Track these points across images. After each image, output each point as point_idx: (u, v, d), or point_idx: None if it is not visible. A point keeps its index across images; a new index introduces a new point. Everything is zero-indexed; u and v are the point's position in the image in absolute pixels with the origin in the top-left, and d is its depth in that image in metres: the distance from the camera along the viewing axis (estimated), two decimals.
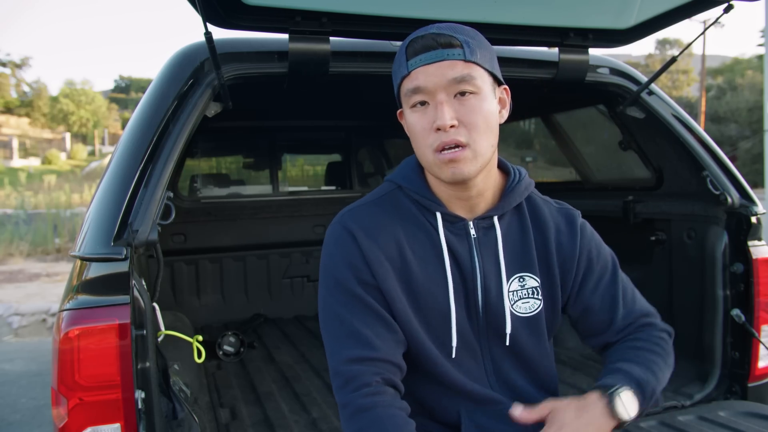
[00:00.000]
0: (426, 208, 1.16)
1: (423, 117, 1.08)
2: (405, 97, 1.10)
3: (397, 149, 4.34)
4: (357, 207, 1.18)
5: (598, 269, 1.23)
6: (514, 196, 1.19)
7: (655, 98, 2.10)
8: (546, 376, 1.23)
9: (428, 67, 1.05)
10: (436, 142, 1.06)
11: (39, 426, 3.40)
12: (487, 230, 1.17)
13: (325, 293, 1.14)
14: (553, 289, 1.20)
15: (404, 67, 1.09)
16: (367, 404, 1.04)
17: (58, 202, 13.44)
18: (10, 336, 5.66)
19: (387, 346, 1.09)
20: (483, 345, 1.18)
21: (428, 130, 1.07)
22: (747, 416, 1.82)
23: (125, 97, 53.92)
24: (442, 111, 1.04)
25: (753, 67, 31.65)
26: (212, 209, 3.53)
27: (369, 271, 1.11)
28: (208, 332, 3.26)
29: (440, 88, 1.05)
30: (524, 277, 1.18)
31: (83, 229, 1.44)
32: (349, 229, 1.13)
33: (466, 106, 1.06)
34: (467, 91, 1.06)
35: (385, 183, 1.24)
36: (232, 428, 2.08)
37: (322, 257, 1.17)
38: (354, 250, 1.11)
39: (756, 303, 1.97)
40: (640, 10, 1.82)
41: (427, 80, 1.06)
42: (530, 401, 1.18)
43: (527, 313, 1.18)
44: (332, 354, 1.10)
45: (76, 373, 1.28)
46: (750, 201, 1.99)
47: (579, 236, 1.22)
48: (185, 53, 1.67)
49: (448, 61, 1.05)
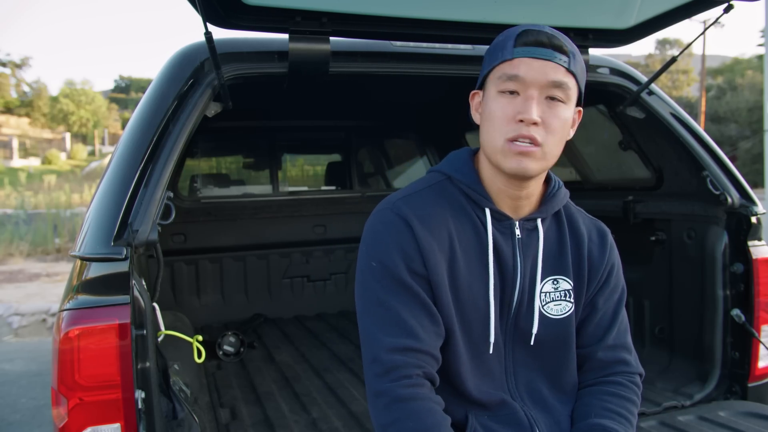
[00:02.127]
0: (475, 203, 1.18)
1: (509, 105, 1.09)
2: (497, 80, 1.10)
3: (397, 149, 4.34)
4: (410, 194, 1.18)
5: (613, 284, 1.27)
6: (555, 202, 1.23)
7: (655, 98, 2.10)
8: (566, 382, 1.23)
9: (533, 61, 1.07)
10: (513, 132, 1.07)
11: (39, 426, 3.40)
12: (531, 232, 1.20)
13: (368, 278, 1.12)
14: (581, 294, 1.24)
15: (509, 51, 1.09)
16: (407, 395, 1.04)
17: (58, 202, 13.44)
18: (10, 336, 5.66)
19: (430, 338, 1.09)
20: (507, 343, 1.19)
21: (509, 119, 1.08)
22: (747, 416, 1.82)
23: (125, 97, 53.92)
24: (532, 106, 1.06)
25: (753, 67, 31.65)
26: (212, 209, 3.53)
27: (421, 261, 1.10)
28: (208, 332, 3.26)
29: (537, 84, 1.07)
30: (558, 279, 1.21)
31: (83, 229, 1.44)
32: (404, 216, 1.12)
33: (553, 110, 1.09)
34: (558, 97, 1.09)
35: (432, 173, 1.24)
36: (232, 428, 2.08)
37: (365, 242, 1.15)
38: (408, 238, 1.11)
39: (756, 303, 1.98)
40: (640, 10, 1.82)
41: (528, 72, 1.07)
42: (546, 404, 1.20)
43: (558, 315, 1.20)
44: (372, 340, 1.09)
45: (76, 373, 1.28)
46: (750, 201, 1.99)
47: (608, 250, 1.27)
48: (185, 53, 1.67)
49: (554, 63, 1.08)
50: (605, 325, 1.25)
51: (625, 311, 1.30)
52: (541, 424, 1.17)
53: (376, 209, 1.18)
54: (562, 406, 1.22)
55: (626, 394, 1.20)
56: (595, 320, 1.24)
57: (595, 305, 1.24)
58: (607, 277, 1.26)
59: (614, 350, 1.24)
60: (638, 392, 1.23)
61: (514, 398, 1.18)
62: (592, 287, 1.24)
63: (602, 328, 1.24)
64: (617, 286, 1.28)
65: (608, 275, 1.26)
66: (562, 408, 1.21)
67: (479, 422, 1.15)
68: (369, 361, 1.09)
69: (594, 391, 1.22)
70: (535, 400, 1.20)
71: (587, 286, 1.24)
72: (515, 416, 1.16)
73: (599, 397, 1.20)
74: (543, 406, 1.20)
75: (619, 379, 1.22)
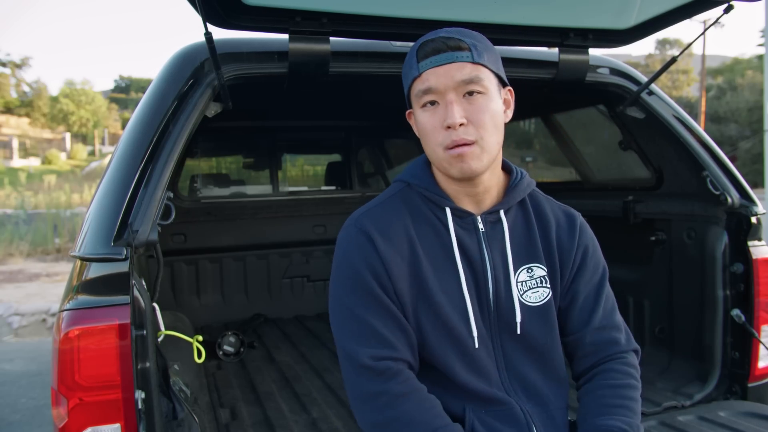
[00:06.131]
0: (435, 204, 1.20)
1: (433, 116, 1.13)
2: (416, 97, 1.16)
3: (397, 149, 4.34)
4: (371, 209, 1.22)
5: (591, 266, 1.27)
6: (518, 192, 1.24)
7: (655, 98, 2.10)
8: (556, 367, 1.24)
9: (438, 69, 1.11)
10: (446, 140, 1.11)
11: (39, 426, 3.40)
12: (495, 224, 1.22)
13: (342, 293, 1.17)
14: (556, 279, 1.25)
15: (415, 69, 1.14)
16: (405, 390, 1.10)
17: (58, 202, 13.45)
18: (10, 336, 5.66)
19: (403, 347, 1.14)
20: (494, 337, 1.20)
21: (438, 128, 1.12)
22: (747, 416, 1.82)
23: (125, 97, 53.91)
24: (452, 110, 1.10)
25: (753, 67, 31.63)
26: (212, 209, 3.53)
27: (387, 275, 1.14)
28: (208, 332, 3.26)
29: (450, 88, 1.11)
30: (532, 267, 1.23)
31: (83, 229, 1.44)
32: (366, 231, 1.16)
33: (474, 105, 1.11)
34: (475, 91, 1.11)
35: (394, 183, 1.28)
36: (232, 428, 2.08)
37: (336, 258, 1.20)
38: (371, 253, 1.14)
39: (756, 303, 1.98)
40: (640, 10, 1.82)
41: (437, 81, 1.11)
42: (540, 393, 1.21)
43: (538, 302, 1.21)
44: (353, 353, 1.12)
45: (76, 373, 1.28)
46: (750, 201, 1.99)
47: (578, 233, 1.27)
48: (185, 53, 1.67)
49: (457, 63, 1.11)
50: (589, 307, 1.25)
51: (610, 289, 1.30)
52: (536, 419, 1.18)
53: (345, 224, 1.22)
54: (556, 398, 1.23)
55: (621, 381, 1.20)
56: (579, 304, 1.25)
57: (576, 290, 1.25)
58: (582, 259, 1.26)
59: (602, 331, 1.24)
60: (634, 372, 1.23)
61: (509, 393, 1.19)
62: (567, 272, 1.25)
63: (587, 311, 1.25)
64: (597, 267, 1.28)
65: (583, 257, 1.27)
66: (556, 400, 1.23)
67: (476, 416, 1.17)
68: (356, 370, 1.12)
69: (590, 388, 1.22)
70: (530, 394, 1.20)
71: (561, 271, 1.25)
72: (512, 412, 1.17)
73: (595, 393, 1.20)
74: (537, 400, 1.21)
75: (612, 365, 1.22)
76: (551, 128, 3.06)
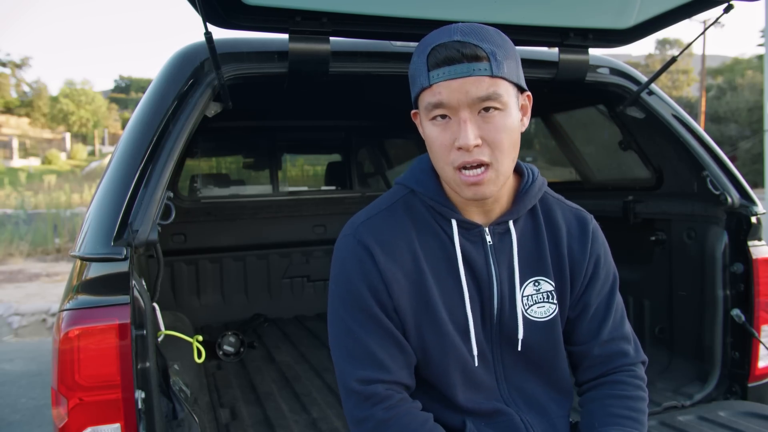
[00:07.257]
0: (441, 215, 1.13)
1: (444, 132, 1.02)
2: (424, 108, 1.04)
3: (397, 149, 4.35)
4: (372, 216, 1.14)
5: (603, 275, 1.21)
6: (529, 199, 1.16)
7: (655, 98, 2.10)
8: (559, 380, 1.21)
9: (452, 83, 0.98)
10: (458, 160, 1.01)
11: (39, 426, 3.40)
12: (503, 236, 1.15)
13: (339, 308, 1.12)
14: (565, 294, 1.19)
15: (425, 77, 1.01)
16: (390, 416, 1.06)
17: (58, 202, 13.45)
18: (10, 336, 5.66)
19: (399, 367, 1.09)
20: (495, 351, 1.16)
21: (448, 147, 1.02)
22: (747, 416, 1.82)
23: (125, 97, 53.90)
24: (466, 130, 0.99)
25: (753, 67, 31.63)
26: (212, 209, 3.53)
27: (386, 291, 1.08)
28: (208, 332, 3.26)
29: (464, 105, 0.99)
30: (539, 281, 1.16)
31: (83, 229, 1.44)
32: (366, 245, 1.09)
33: (490, 123, 1.00)
34: (492, 107, 1.00)
35: (396, 186, 1.20)
36: (232, 428, 2.08)
37: (333, 270, 1.14)
38: (371, 268, 1.08)
39: (756, 303, 1.97)
40: (640, 10, 1.82)
41: (450, 97, 0.99)
42: (541, 407, 1.18)
43: (543, 318, 1.16)
44: (345, 372, 1.09)
45: (76, 373, 1.28)
46: (750, 201, 1.99)
47: (590, 241, 1.20)
48: (185, 53, 1.67)
49: (473, 77, 0.98)
50: (599, 319, 1.19)
51: (620, 297, 1.24)
52: (537, 428, 1.15)
53: (342, 233, 1.14)
54: (558, 407, 1.20)
55: (629, 393, 1.17)
56: (588, 316, 1.20)
57: (587, 302, 1.19)
58: (594, 269, 1.19)
59: (611, 343, 1.19)
60: (642, 384, 1.18)
61: (508, 404, 1.16)
62: (578, 285, 1.19)
63: (596, 322, 1.19)
64: (608, 276, 1.22)
65: (595, 268, 1.20)
66: (558, 409, 1.20)
67: (476, 427, 1.15)
68: (345, 392, 1.10)
69: (596, 396, 1.19)
70: (530, 404, 1.17)
71: (571, 285, 1.18)
72: (511, 422, 1.14)
73: (602, 402, 1.17)
74: (538, 410, 1.18)
75: (620, 377, 1.19)
76: (551, 128, 3.06)
